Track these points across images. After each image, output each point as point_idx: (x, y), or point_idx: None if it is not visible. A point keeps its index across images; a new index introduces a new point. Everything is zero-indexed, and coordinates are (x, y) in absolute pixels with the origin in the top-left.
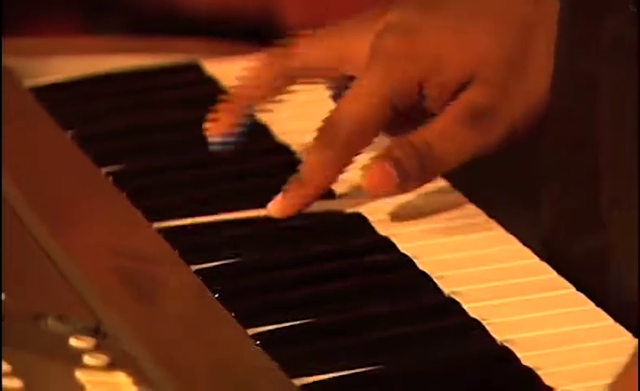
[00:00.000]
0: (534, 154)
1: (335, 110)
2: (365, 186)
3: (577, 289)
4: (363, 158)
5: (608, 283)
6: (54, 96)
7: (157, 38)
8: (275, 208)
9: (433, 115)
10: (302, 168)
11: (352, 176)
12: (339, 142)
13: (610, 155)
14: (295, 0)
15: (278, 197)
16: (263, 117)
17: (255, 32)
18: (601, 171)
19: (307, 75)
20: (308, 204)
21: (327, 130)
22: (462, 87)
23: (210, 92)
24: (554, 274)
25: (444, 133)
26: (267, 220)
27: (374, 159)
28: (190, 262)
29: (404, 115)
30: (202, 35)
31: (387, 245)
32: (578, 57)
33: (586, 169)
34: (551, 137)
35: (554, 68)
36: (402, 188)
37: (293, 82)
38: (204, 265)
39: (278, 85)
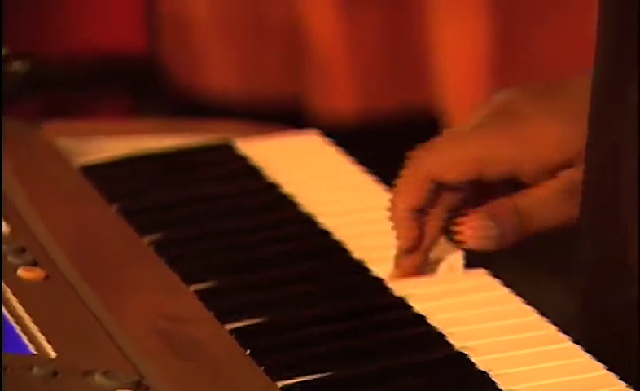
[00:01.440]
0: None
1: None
2: (465, 237)
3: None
4: None
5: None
6: (101, 173)
7: (194, 120)
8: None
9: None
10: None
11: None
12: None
13: (631, 214)
14: (325, 91)
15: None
16: (289, 188)
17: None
18: (624, 228)
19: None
20: (410, 221)
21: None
22: (557, 170)
23: (241, 168)
24: (553, 328)
25: (546, 201)
26: (292, 281)
27: (477, 214)
28: (224, 322)
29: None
30: (235, 116)
31: (404, 305)
32: (604, 129)
33: (612, 227)
34: (583, 200)
35: (587, 142)
36: (498, 245)
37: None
38: (237, 325)
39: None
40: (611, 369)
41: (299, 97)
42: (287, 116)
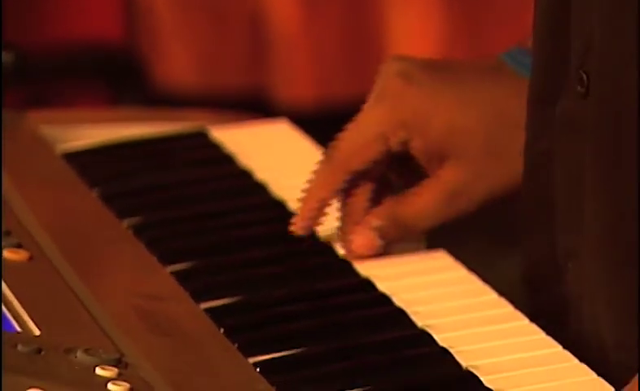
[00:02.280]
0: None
1: (341, 134)
2: (350, 250)
3: (550, 327)
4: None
5: (570, 324)
6: (82, 160)
7: (170, 109)
8: (294, 225)
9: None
10: (308, 186)
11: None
12: (336, 160)
13: (565, 215)
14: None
15: (294, 218)
16: (261, 175)
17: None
18: (557, 229)
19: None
20: (317, 217)
21: (329, 151)
22: (440, 154)
23: (215, 155)
24: (510, 307)
25: (423, 211)
26: (265, 263)
27: (359, 226)
28: (199, 301)
29: (395, 162)
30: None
31: (369, 285)
32: (539, 136)
33: (547, 228)
34: (524, 199)
35: (525, 147)
36: (381, 249)
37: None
38: (211, 304)
39: (339, 187)
40: None
41: (259, 88)
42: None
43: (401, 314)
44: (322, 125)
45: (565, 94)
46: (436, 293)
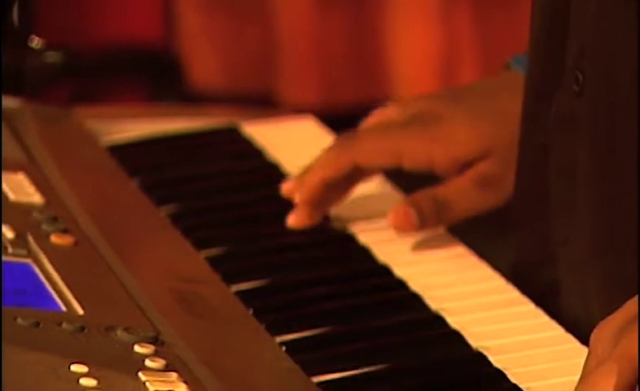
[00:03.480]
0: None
1: (360, 129)
2: (391, 222)
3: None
4: None
5: (560, 306)
6: (124, 152)
7: (205, 105)
8: (284, 187)
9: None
10: (316, 161)
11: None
12: (349, 148)
13: (558, 205)
14: (291, 82)
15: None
16: (290, 168)
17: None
18: (551, 217)
19: (369, 170)
20: (317, 193)
21: (346, 137)
22: (471, 162)
23: (246, 149)
24: (516, 292)
25: (461, 191)
26: (291, 249)
27: (402, 202)
28: (229, 284)
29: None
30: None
31: (386, 271)
32: (534, 130)
33: (540, 216)
34: (517, 189)
35: (519, 140)
36: (420, 228)
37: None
38: (241, 287)
39: (343, 174)
40: None
41: (271, 92)
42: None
43: (416, 298)
44: (328, 126)
45: (560, 91)
46: (449, 279)
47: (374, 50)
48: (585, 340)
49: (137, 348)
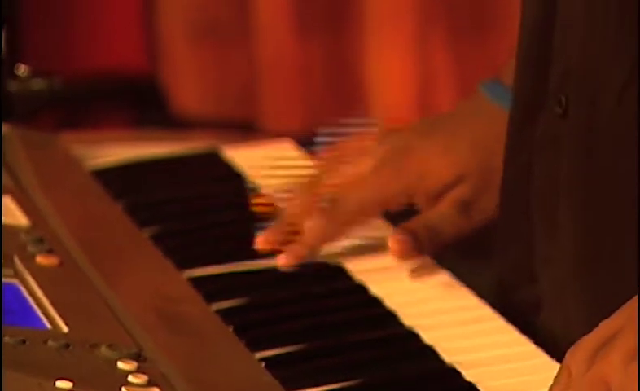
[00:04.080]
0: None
1: (341, 193)
2: (391, 249)
3: (517, 328)
4: None
5: (541, 323)
6: (108, 175)
7: (187, 130)
8: (282, 260)
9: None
10: (306, 229)
11: None
12: (340, 219)
13: (541, 224)
14: (273, 109)
15: (285, 251)
16: (266, 188)
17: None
18: (534, 237)
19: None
20: (303, 260)
21: (332, 207)
22: (447, 189)
23: (226, 172)
24: (488, 309)
25: (445, 216)
26: (270, 269)
27: (399, 231)
28: (210, 303)
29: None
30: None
31: (361, 289)
32: (518, 151)
33: (523, 235)
34: (499, 210)
35: (504, 159)
36: (415, 255)
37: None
38: (221, 305)
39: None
40: None
41: (253, 118)
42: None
43: (391, 315)
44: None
45: (544, 113)
46: (423, 296)
47: (352, 77)
48: (562, 358)
49: (120, 364)
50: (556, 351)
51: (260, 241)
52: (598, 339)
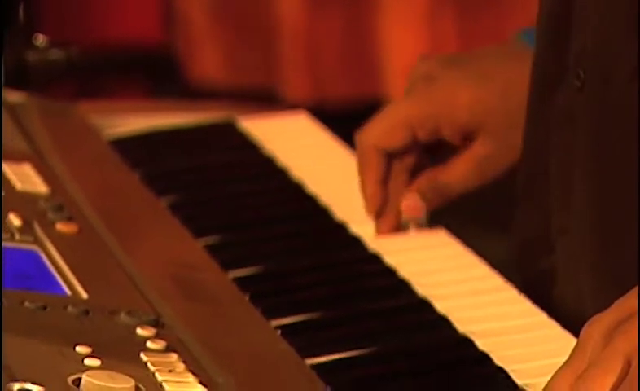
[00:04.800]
0: (507, 193)
1: (363, 131)
2: (402, 209)
3: (535, 299)
4: None
5: (554, 294)
6: (125, 145)
7: (203, 101)
8: (378, 229)
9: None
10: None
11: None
12: (366, 148)
13: (558, 195)
14: (292, 78)
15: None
16: (284, 161)
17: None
18: (551, 208)
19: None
20: (383, 205)
21: (358, 141)
22: (471, 133)
23: (242, 142)
24: (499, 279)
25: (459, 175)
26: (285, 237)
27: (409, 190)
28: (227, 270)
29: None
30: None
31: (376, 258)
32: (538, 124)
33: (542, 207)
34: (519, 180)
35: (523, 133)
36: (425, 211)
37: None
38: (238, 273)
39: (381, 173)
40: None
41: (268, 88)
42: (262, 102)
43: (405, 285)
44: (323, 120)
45: (563, 87)
46: (436, 267)
47: (366, 50)
48: (575, 330)
49: (139, 330)
50: (569, 322)
51: (378, 228)
52: (615, 316)
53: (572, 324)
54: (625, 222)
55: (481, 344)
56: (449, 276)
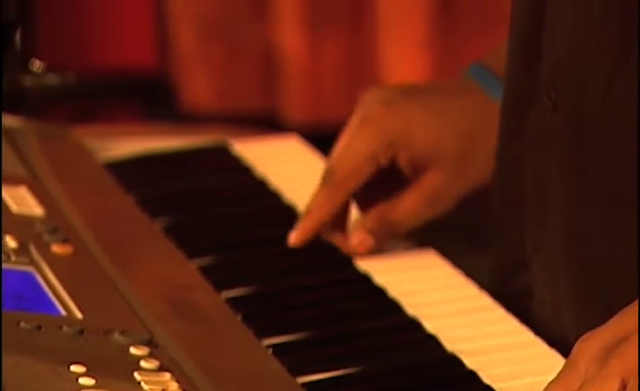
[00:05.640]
0: (484, 212)
1: (333, 158)
2: (351, 247)
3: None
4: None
5: (532, 310)
6: (120, 168)
7: (196, 124)
8: (292, 239)
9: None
10: (310, 205)
11: None
12: (338, 185)
13: (532, 214)
14: (293, 106)
15: (293, 231)
16: (276, 184)
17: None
18: (526, 226)
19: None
20: (313, 233)
21: (329, 175)
22: (421, 165)
23: (235, 165)
24: (487, 298)
25: (408, 211)
26: (277, 258)
27: (356, 227)
28: (220, 291)
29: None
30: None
31: (366, 279)
32: (511, 144)
33: (516, 226)
34: (492, 200)
35: (496, 153)
36: (374, 249)
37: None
38: (230, 294)
39: (338, 207)
40: None
41: (268, 111)
42: (258, 126)
43: (394, 305)
44: (321, 143)
45: (535, 107)
46: (425, 287)
47: (365, 73)
48: (555, 345)
49: (132, 350)
50: (549, 340)
51: (295, 239)
52: (610, 335)
53: (552, 342)
54: (601, 238)
55: (469, 362)
56: (438, 296)
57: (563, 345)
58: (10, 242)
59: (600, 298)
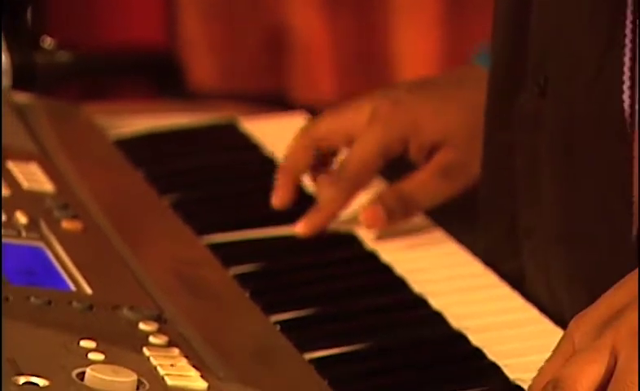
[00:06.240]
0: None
1: (347, 155)
2: (362, 220)
3: None
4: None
5: (527, 295)
6: (129, 145)
7: (205, 101)
8: (300, 228)
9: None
10: (319, 198)
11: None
12: (349, 181)
13: (523, 198)
14: (298, 80)
15: (302, 220)
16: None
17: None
18: (517, 210)
19: (324, 144)
20: (322, 228)
21: (340, 171)
22: (435, 149)
23: (243, 142)
24: (493, 276)
25: (423, 184)
26: (285, 236)
27: (371, 201)
28: (228, 267)
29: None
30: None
31: (373, 256)
32: (499, 130)
33: (506, 210)
34: (481, 187)
35: (484, 137)
36: (388, 223)
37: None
38: (238, 270)
39: (309, 154)
40: None
41: (278, 90)
42: (266, 104)
43: (401, 282)
44: None
45: (524, 91)
46: (431, 264)
47: (378, 53)
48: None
49: (141, 325)
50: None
51: (276, 201)
52: (603, 311)
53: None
54: (591, 220)
55: (475, 339)
56: (444, 273)
57: (560, 327)
58: (21, 218)
59: (594, 280)
